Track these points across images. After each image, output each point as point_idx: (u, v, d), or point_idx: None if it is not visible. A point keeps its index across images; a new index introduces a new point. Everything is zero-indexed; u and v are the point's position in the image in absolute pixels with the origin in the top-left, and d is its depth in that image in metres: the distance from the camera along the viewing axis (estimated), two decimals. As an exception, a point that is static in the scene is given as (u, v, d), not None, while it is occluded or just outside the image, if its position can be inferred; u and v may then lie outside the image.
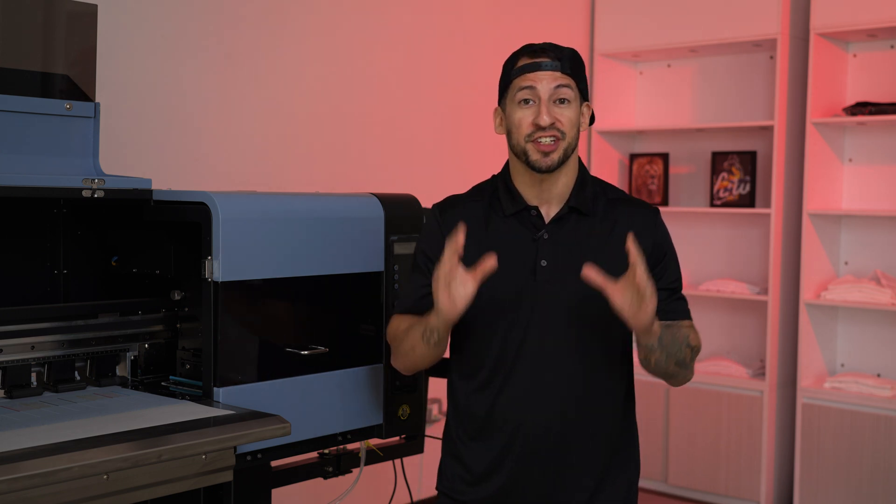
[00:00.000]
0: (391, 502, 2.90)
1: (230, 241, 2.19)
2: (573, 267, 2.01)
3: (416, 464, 3.98)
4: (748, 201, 4.71)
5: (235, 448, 1.99)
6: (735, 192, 4.76)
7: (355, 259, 2.44)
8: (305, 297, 2.35)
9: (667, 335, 1.95)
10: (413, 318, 2.06)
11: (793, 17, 4.46)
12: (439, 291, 1.90)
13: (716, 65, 4.92)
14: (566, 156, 2.02)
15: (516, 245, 2.05)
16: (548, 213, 2.06)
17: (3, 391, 2.19)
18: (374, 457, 2.60)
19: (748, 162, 4.73)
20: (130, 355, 2.39)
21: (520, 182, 2.07)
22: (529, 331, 2.03)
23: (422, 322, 2.00)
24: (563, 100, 2.00)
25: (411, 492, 2.97)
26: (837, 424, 4.25)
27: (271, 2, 3.62)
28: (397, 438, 2.64)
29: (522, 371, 2.04)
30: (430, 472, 4.21)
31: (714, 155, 4.84)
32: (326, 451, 2.55)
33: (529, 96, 2.00)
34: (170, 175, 3.05)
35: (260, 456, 2.25)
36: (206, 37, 3.41)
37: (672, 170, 5.06)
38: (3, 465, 1.66)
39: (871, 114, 4.26)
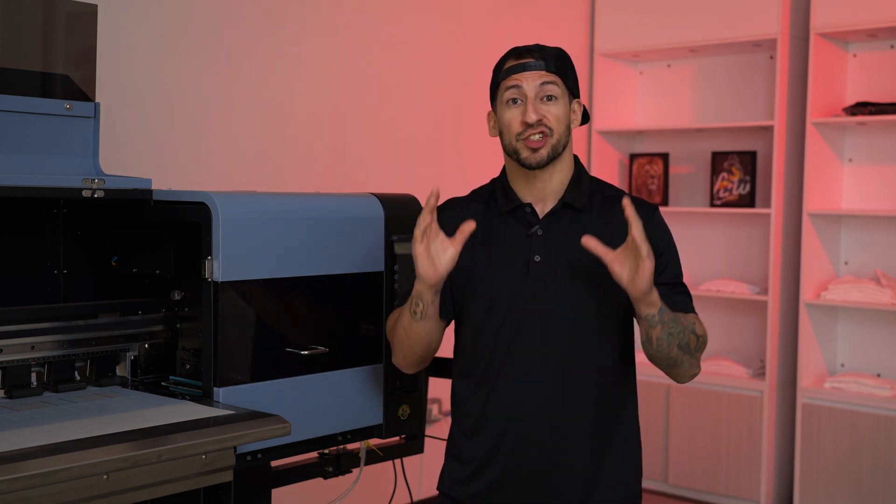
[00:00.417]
0: (391, 502, 2.90)
1: (230, 241, 2.19)
2: (566, 262, 2.02)
3: (416, 464, 3.98)
4: (748, 201, 4.71)
5: (235, 448, 1.99)
6: (735, 192, 4.76)
7: (355, 259, 2.44)
8: (305, 297, 2.35)
9: (668, 312, 1.94)
10: (405, 311, 2.08)
11: (793, 17, 4.46)
12: (418, 254, 1.92)
13: (716, 65, 4.92)
14: (556, 152, 2.03)
15: (511, 241, 2.06)
16: (542, 210, 2.07)
17: (3, 391, 2.19)
18: (374, 457, 2.60)
19: (748, 162, 4.73)
20: (130, 355, 2.39)
21: (515, 181, 2.09)
22: (522, 326, 2.03)
23: (409, 299, 2.03)
24: (550, 97, 2.02)
25: (411, 492, 2.97)
26: (837, 424, 4.25)
27: (271, 2, 3.62)
28: (397, 438, 2.64)
29: (515, 367, 2.04)
30: (430, 472, 4.21)
31: (714, 155, 4.84)
32: (326, 451, 2.55)
33: (516, 95, 2.02)
34: (170, 175, 3.05)
35: (260, 456, 2.25)
36: (206, 37, 3.41)
37: (672, 170, 5.06)
38: (3, 465, 1.65)
39: (871, 114, 4.26)
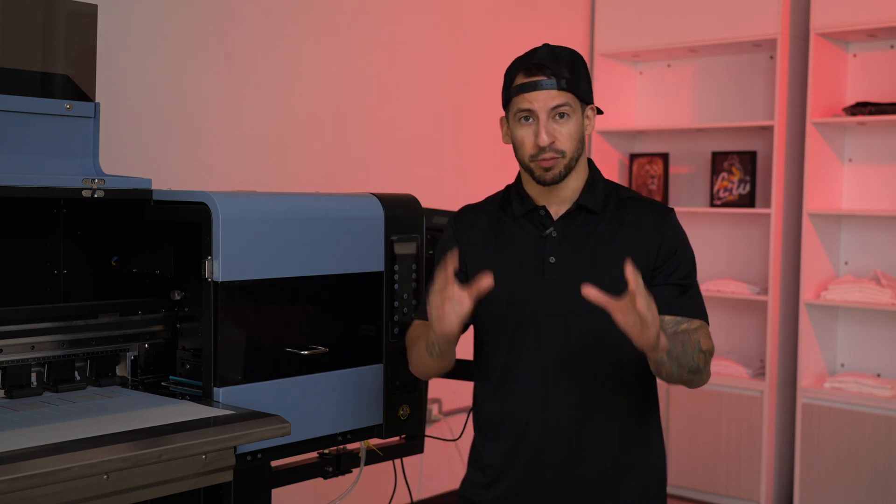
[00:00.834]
0: (391, 502, 2.89)
1: (230, 241, 2.19)
2: (581, 264, 2.02)
3: (416, 464, 3.98)
4: (748, 201, 4.71)
5: (235, 448, 1.99)
6: (735, 192, 4.76)
7: (355, 259, 2.44)
8: (305, 297, 2.35)
9: (676, 347, 1.92)
10: (427, 326, 2.06)
11: (793, 17, 4.46)
12: (433, 310, 1.90)
13: (716, 65, 4.92)
14: (569, 168, 2.03)
15: (525, 244, 2.06)
16: (557, 212, 2.07)
17: (3, 391, 2.19)
18: (374, 457, 2.60)
19: (748, 162, 4.73)
20: (130, 355, 2.39)
21: (531, 188, 2.10)
22: (538, 329, 2.03)
23: (427, 333, 2.02)
24: (562, 115, 2.01)
25: (411, 492, 2.97)
26: (837, 424, 4.25)
27: (271, 2, 3.62)
28: (397, 438, 2.64)
29: (531, 370, 2.03)
30: (430, 472, 4.22)
31: (714, 155, 4.84)
32: (326, 451, 2.54)
33: (528, 115, 2.02)
34: (170, 175, 3.05)
35: (260, 456, 2.25)
36: (207, 37, 3.41)
37: (672, 170, 5.06)
38: (3, 465, 1.65)
39: (871, 114, 4.26)
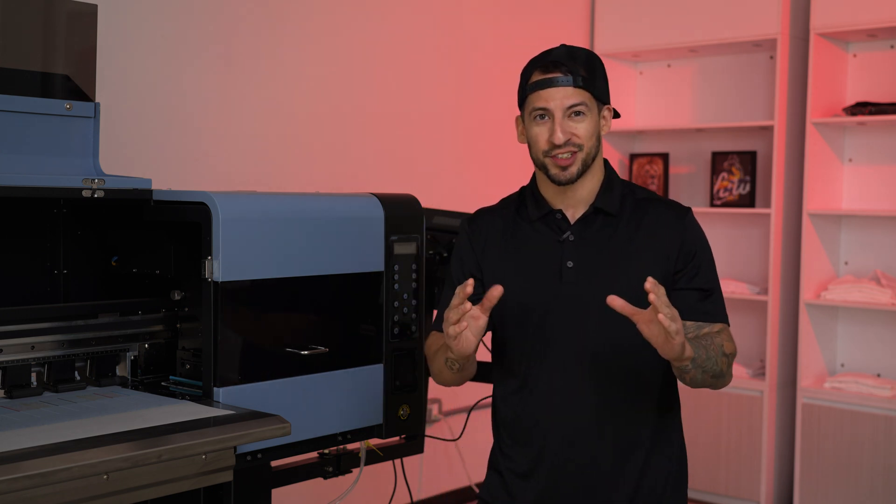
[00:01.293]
0: (391, 502, 2.89)
1: (230, 241, 2.19)
2: (600, 267, 2.00)
3: (416, 464, 3.98)
4: (748, 201, 4.71)
5: (235, 448, 1.99)
6: (735, 192, 4.76)
7: (355, 259, 2.44)
8: (305, 297, 2.35)
9: (700, 353, 1.90)
10: (444, 337, 2.04)
11: (793, 17, 4.46)
12: (449, 329, 1.86)
13: (716, 65, 4.92)
14: (585, 166, 2.01)
15: (542, 248, 2.04)
16: (573, 215, 2.05)
17: (3, 391, 2.18)
18: (374, 457, 2.60)
19: (748, 162, 4.73)
20: (130, 355, 2.39)
21: (546, 190, 2.07)
22: (556, 333, 2.01)
23: (445, 348, 1.99)
24: (578, 112, 1.99)
25: (411, 492, 2.97)
26: (837, 424, 4.25)
27: (272, 2, 3.62)
28: (397, 438, 2.64)
29: (551, 375, 2.02)
30: (430, 472, 4.22)
31: (714, 155, 4.84)
32: (326, 451, 2.54)
33: (544, 113, 2.00)
34: (170, 175, 3.05)
35: (260, 456, 2.25)
36: (207, 37, 3.41)
37: (672, 170, 5.06)
38: (3, 465, 1.65)
39: (871, 114, 4.26)
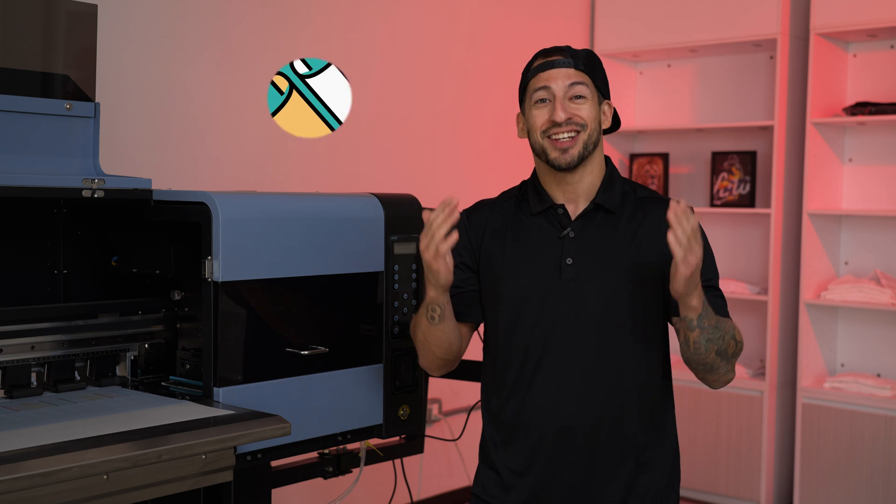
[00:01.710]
0: (391, 502, 2.90)
1: (230, 241, 2.19)
2: (599, 265, 1.99)
3: (416, 464, 3.98)
4: (748, 201, 4.71)
5: (235, 448, 1.99)
6: (735, 192, 4.76)
7: (355, 259, 2.44)
8: (305, 297, 2.35)
9: (710, 317, 1.89)
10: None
11: (793, 17, 4.46)
12: (429, 259, 1.88)
13: (716, 65, 4.92)
14: (586, 150, 2.00)
15: (542, 243, 2.04)
16: (574, 211, 2.04)
17: (3, 391, 2.19)
18: (374, 457, 2.60)
19: (748, 162, 4.73)
20: (130, 355, 2.39)
21: (547, 182, 2.07)
22: (554, 330, 2.00)
23: (424, 305, 2.01)
24: (579, 96, 1.99)
25: (411, 492, 2.97)
26: (837, 424, 4.25)
27: (271, 2, 3.62)
28: (397, 438, 2.64)
29: (547, 372, 2.01)
30: (430, 472, 4.22)
31: (714, 155, 4.84)
32: (326, 451, 2.54)
33: (545, 96, 2.00)
34: (170, 175, 3.05)
35: (260, 456, 2.25)
36: (207, 37, 3.41)
37: (672, 170, 5.06)
38: (3, 465, 1.65)
39: (871, 114, 4.26)
